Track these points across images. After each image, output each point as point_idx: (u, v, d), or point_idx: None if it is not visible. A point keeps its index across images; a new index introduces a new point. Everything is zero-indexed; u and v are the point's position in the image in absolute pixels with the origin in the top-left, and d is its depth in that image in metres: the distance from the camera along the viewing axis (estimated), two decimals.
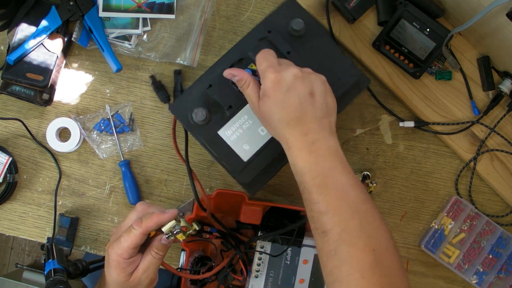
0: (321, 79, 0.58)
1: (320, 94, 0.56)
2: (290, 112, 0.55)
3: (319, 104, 0.56)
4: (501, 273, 0.84)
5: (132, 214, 0.62)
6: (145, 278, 0.60)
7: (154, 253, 0.60)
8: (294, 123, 0.55)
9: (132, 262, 0.60)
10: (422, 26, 0.78)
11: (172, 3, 0.81)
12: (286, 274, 0.75)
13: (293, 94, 0.55)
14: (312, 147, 0.55)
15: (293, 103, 0.55)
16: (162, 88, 0.81)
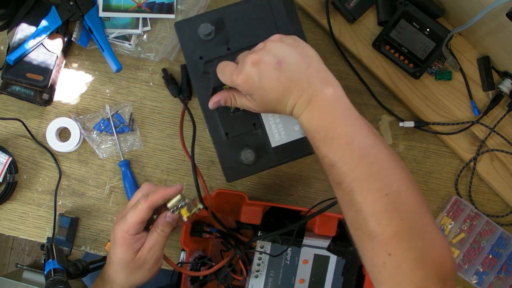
0: (275, 40, 0.56)
1: (286, 54, 0.54)
2: (277, 91, 0.54)
3: (294, 62, 0.54)
4: (501, 273, 0.84)
5: (138, 193, 0.61)
6: (151, 256, 0.60)
7: (160, 230, 0.60)
8: (286, 96, 0.54)
9: (139, 239, 0.59)
10: (422, 26, 0.78)
11: (172, 3, 0.81)
12: (286, 274, 0.75)
13: (265, 78, 0.54)
14: (309, 105, 0.54)
15: (272, 84, 0.54)
16: (173, 82, 0.81)
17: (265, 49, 0.54)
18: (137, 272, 0.61)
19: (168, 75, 0.82)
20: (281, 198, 0.85)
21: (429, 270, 0.48)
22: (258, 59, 0.54)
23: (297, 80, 0.53)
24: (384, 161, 0.52)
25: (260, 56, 0.54)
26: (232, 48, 0.67)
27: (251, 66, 0.54)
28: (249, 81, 0.54)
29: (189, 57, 0.68)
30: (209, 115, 0.68)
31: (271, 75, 0.54)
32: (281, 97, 0.54)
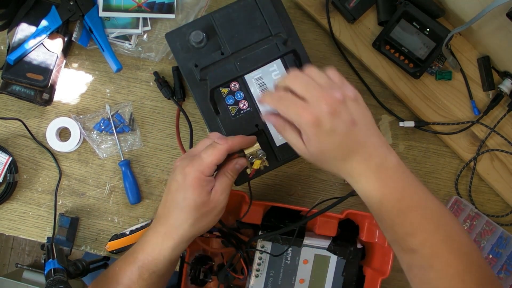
0: (354, 98, 0.54)
1: (360, 117, 0.53)
2: (341, 148, 0.53)
3: (363, 126, 0.53)
4: (501, 273, 0.84)
5: (207, 140, 0.59)
6: (223, 199, 0.58)
7: (230, 175, 0.59)
8: (350, 156, 0.53)
9: (210, 182, 0.57)
10: (422, 26, 0.78)
11: (172, 3, 0.81)
12: (286, 274, 0.75)
13: (337, 132, 0.52)
14: (378, 172, 0.53)
15: (340, 139, 0.52)
16: (166, 85, 0.81)
17: (344, 104, 0.52)
18: (205, 217, 0.58)
19: (160, 78, 0.82)
20: (281, 198, 0.85)
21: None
22: (336, 112, 0.51)
23: (365, 143, 0.53)
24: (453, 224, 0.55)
25: (339, 109, 0.52)
26: (225, 53, 0.67)
27: (328, 114, 0.51)
28: (319, 126, 0.51)
29: (183, 66, 0.69)
30: (211, 120, 0.68)
31: (343, 132, 0.52)
32: (342, 156, 0.53)
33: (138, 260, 0.58)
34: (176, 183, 0.57)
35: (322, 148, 0.53)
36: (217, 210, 0.58)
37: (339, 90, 0.52)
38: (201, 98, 0.68)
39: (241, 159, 0.60)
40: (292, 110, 0.53)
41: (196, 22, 0.69)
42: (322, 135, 0.52)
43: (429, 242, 0.53)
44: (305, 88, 0.52)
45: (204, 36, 0.68)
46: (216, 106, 0.67)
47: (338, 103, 0.52)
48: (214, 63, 0.67)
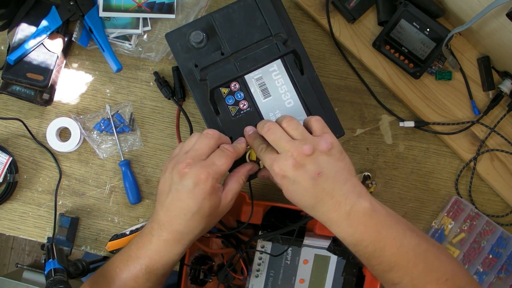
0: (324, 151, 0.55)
1: (329, 168, 0.55)
2: (308, 198, 0.55)
3: (331, 176, 0.55)
4: (501, 273, 0.84)
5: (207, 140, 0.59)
6: (230, 204, 0.59)
7: (242, 180, 0.60)
8: (318, 205, 0.55)
9: (221, 187, 0.58)
10: (422, 26, 0.78)
11: (172, 3, 0.81)
12: (286, 274, 0.75)
13: (300, 184, 0.55)
14: (349, 219, 0.54)
15: (304, 189, 0.55)
16: (166, 85, 0.81)
17: (311, 158, 0.54)
18: (214, 220, 0.59)
19: (160, 78, 0.82)
20: (282, 198, 0.84)
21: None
22: (300, 165, 0.54)
23: (332, 193, 0.54)
24: (433, 253, 0.57)
25: (304, 162, 0.54)
26: (225, 53, 0.67)
27: (291, 167, 0.54)
28: (284, 179, 0.55)
29: (183, 66, 0.68)
30: (211, 120, 0.68)
31: (307, 184, 0.54)
32: (311, 205, 0.56)
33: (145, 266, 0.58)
34: (186, 190, 0.55)
35: (291, 196, 0.57)
36: (223, 213, 0.60)
37: (309, 145, 0.55)
38: (201, 98, 0.68)
39: (254, 164, 0.62)
40: (265, 159, 0.57)
41: (196, 22, 0.69)
42: (288, 186, 0.55)
43: (409, 276, 0.55)
44: (277, 141, 0.56)
45: (204, 36, 0.68)
46: (216, 106, 0.67)
47: (304, 156, 0.54)
48: (214, 63, 0.67)
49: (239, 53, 0.68)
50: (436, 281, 0.55)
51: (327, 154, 0.55)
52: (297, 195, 0.56)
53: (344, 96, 0.85)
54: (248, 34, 0.68)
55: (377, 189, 0.85)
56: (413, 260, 0.55)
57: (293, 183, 0.55)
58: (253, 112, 0.68)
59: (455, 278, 0.56)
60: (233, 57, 0.67)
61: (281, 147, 0.56)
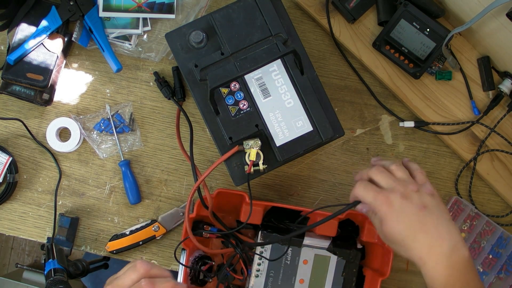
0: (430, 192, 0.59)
1: (433, 205, 0.58)
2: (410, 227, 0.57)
3: (435, 212, 0.57)
4: (501, 273, 0.84)
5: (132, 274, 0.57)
6: None
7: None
8: (419, 236, 0.56)
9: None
10: (422, 26, 0.78)
11: (172, 3, 0.81)
12: (286, 274, 0.75)
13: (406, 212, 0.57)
14: (450, 260, 0.55)
15: (409, 219, 0.57)
16: (166, 85, 0.81)
17: (417, 193, 0.58)
18: None
19: (160, 78, 0.82)
20: (281, 198, 0.85)
21: None
22: (407, 196, 0.57)
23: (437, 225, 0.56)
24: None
25: (411, 195, 0.58)
26: (225, 53, 0.67)
27: (399, 197, 0.57)
28: (389, 208, 0.57)
29: (183, 66, 0.69)
30: (211, 120, 0.68)
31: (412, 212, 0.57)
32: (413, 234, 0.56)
33: None
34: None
35: (393, 226, 0.57)
36: None
37: (415, 184, 0.59)
38: (201, 98, 0.68)
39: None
40: (370, 194, 0.59)
41: (196, 22, 0.69)
42: (393, 214, 0.57)
43: None
44: (384, 179, 0.59)
45: (204, 36, 0.68)
46: (216, 106, 0.67)
47: (411, 190, 0.58)
48: (214, 63, 0.67)
49: (239, 53, 0.68)
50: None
51: (431, 195, 0.59)
52: (400, 223, 0.57)
53: (344, 96, 0.85)
54: (248, 34, 0.68)
55: None
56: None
57: (398, 212, 0.57)
58: (253, 112, 0.68)
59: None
60: (233, 57, 0.67)
61: (388, 183, 0.59)
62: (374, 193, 0.58)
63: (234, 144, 0.67)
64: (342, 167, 0.85)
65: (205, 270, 0.77)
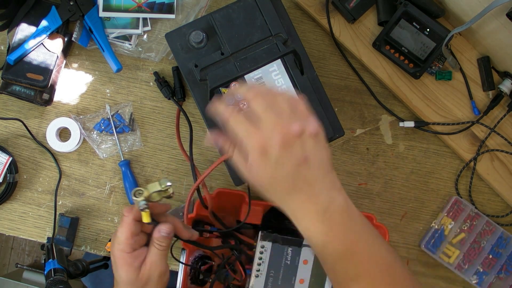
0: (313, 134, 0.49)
1: (315, 155, 0.49)
2: (284, 183, 0.49)
3: (316, 165, 0.49)
4: (501, 273, 0.84)
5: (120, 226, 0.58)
6: (154, 271, 0.57)
7: (157, 245, 0.58)
8: (294, 194, 0.49)
9: (138, 256, 0.57)
10: (422, 26, 0.78)
11: (172, 3, 0.81)
12: (286, 274, 0.75)
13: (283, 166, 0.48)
14: (325, 215, 0.49)
15: (284, 174, 0.48)
16: (166, 85, 0.81)
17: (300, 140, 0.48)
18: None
19: (160, 78, 0.82)
20: None
21: None
22: (288, 145, 0.47)
23: (312, 183, 0.49)
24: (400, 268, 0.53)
25: (292, 142, 0.48)
26: (225, 53, 0.67)
27: (278, 145, 0.47)
28: (262, 156, 0.48)
29: (183, 66, 0.68)
30: (210, 120, 0.68)
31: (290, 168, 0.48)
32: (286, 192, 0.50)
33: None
34: (111, 261, 0.58)
35: (263, 177, 0.49)
36: (153, 282, 0.57)
37: (299, 123, 0.48)
38: (201, 98, 0.68)
39: (163, 225, 0.57)
40: (242, 128, 0.49)
41: (196, 22, 0.69)
42: (266, 165, 0.48)
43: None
44: (264, 109, 0.48)
45: (204, 36, 0.68)
46: None
47: (293, 136, 0.48)
48: (214, 63, 0.67)
49: (239, 53, 0.68)
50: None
51: (314, 139, 0.49)
52: (273, 178, 0.48)
53: (344, 96, 0.85)
54: (248, 34, 0.68)
55: (377, 189, 0.85)
56: (380, 270, 0.51)
57: (274, 164, 0.47)
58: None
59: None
60: (233, 57, 0.67)
61: (268, 117, 0.48)
62: (248, 130, 0.48)
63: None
64: (342, 167, 0.85)
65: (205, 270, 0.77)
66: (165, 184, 0.56)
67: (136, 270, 0.57)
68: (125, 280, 0.57)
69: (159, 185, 0.56)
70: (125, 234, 0.56)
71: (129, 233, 0.56)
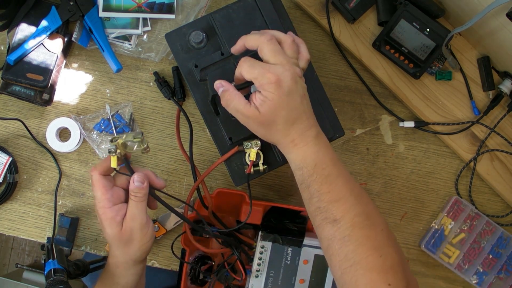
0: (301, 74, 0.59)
1: (306, 93, 0.59)
2: (295, 112, 0.57)
3: (307, 99, 0.59)
4: (501, 273, 0.84)
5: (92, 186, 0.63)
6: (135, 223, 0.60)
7: (133, 196, 0.60)
8: (297, 122, 0.57)
9: (119, 210, 0.60)
10: (422, 26, 0.78)
11: (172, 3, 0.81)
12: (286, 274, 0.75)
13: (294, 96, 0.56)
14: (316, 140, 0.58)
15: (294, 104, 0.56)
16: (166, 85, 0.81)
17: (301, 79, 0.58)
18: (130, 245, 0.61)
19: (160, 78, 0.82)
20: (281, 198, 0.85)
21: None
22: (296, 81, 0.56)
23: (309, 115, 0.59)
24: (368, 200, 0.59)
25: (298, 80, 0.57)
26: (225, 53, 0.67)
27: (290, 78, 0.55)
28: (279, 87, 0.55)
29: (183, 67, 0.68)
30: (211, 121, 0.68)
31: (298, 98, 0.57)
32: (291, 119, 0.57)
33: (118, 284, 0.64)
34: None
35: (277, 107, 0.56)
36: (137, 236, 0.61)
37: (300, 70, 0.58)
38: (201, 98, 0.68)
39: (136, 174, 0.60)
40: (257, 69, 0.56)
41: (196, 23, 0.69)
42: (281, 95, 0.55)
43: (351, 212, 0.55)
44: (273, 54, 0.56)
45: (204, 37, 0.68)
46: (217, 107, 0.67)
47: (298, 75, 0.57)
48: (214, 63, 0.67)
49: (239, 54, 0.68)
50: (374, 226, 0.56)
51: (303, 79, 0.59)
52: (285, 108, 0.56)
53: (344, 96, 0.85)
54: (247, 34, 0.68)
55: (377, 189, 0.85)
56: (356, 198, 0.56)
57: (287, 94, 0.55)
58: None
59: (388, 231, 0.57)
60: (233, 57, 0.67)
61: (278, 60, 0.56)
62: (262, 69, 0.55)
63: (234, 144, 0.67)
64: None
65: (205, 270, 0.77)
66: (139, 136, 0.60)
67: (118, 225, 0.60)
68: (111, 236, 0.61)
69: (132, 137, 0.60)
70: (100, 190, 0.60)
71: (102, 188, 0.60)
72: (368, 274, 0.54)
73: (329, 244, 0.57)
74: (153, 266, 0.83)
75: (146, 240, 0.62)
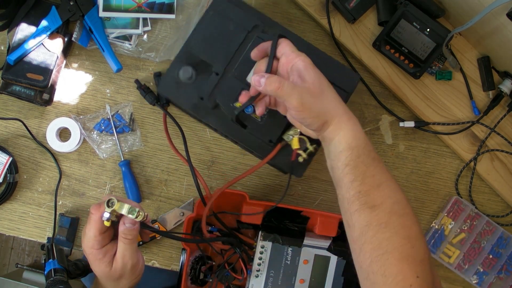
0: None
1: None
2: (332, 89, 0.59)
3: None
4: (501, 273, 0.84)
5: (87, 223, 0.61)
6: (125, 264, 0.59)
7: (123, 238, 0.59)
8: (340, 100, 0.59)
9: (107, 252, 0.59)
10: (422, 26, 0.78)
11: (172, 3, 0.81)
12: (286, 274, 0.75)
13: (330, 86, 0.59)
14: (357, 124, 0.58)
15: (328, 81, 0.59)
16: (149, 91, 0.81)
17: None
18: (120, 281, 0.61)
19: (142, 85, 0.82)
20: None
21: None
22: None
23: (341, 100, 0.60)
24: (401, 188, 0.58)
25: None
26: (219, 71, 0.67)
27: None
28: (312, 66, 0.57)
29: (186, 104, 0.69)
30: (242, 137, 0.69)
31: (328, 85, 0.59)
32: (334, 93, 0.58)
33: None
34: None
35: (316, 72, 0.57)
36: (127, 273, 0.60)
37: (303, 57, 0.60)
38: (221, 123, 0.68)
39: (127, 217, 0.58)
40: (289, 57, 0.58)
41: (176, 60, 0.70)
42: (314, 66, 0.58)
43: (391, 199, 0.55)
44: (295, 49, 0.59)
45: (192, 69, 0.68)
46: (242, 122, 0.67)
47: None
48: (215, 86, 0.67)
49: (231, 64, 0.68)
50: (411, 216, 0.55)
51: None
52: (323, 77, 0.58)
53: None
54: (228, 43, 0.68)
55: None
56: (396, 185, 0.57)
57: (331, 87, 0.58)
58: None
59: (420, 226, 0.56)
60: (228, 71, 0.67)
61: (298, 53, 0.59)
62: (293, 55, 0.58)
63: (276, 143, 0.67)
64: None
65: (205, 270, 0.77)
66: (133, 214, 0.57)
67: (108, 265, 0.59)
68: (100, 275, 0.60)
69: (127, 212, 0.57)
70: (93, 231, 0.58)
71: (97, 230, 0.58)
72: (399, 264, 0.52)
73: (363, 231, 0.55)
74: (153, 266, 0.83)
75: (137, 275, 0.62)
